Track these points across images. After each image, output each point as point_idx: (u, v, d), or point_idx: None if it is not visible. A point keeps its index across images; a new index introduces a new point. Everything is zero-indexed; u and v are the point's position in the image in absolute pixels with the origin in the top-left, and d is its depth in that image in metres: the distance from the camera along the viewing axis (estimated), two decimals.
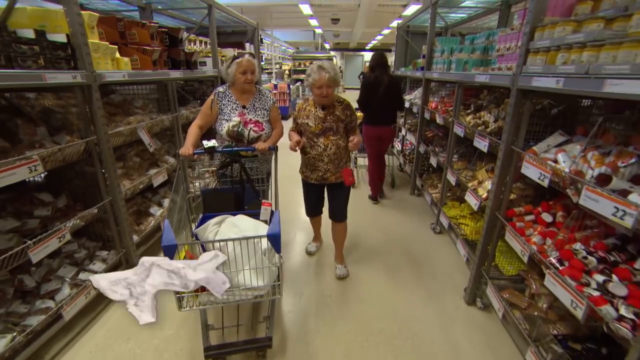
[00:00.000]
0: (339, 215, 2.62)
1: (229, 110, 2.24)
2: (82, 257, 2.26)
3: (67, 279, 2.09)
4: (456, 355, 2.00)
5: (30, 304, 1.91)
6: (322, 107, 2.33)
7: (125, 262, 2.48)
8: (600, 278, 1.35)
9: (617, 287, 1.28)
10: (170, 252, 1.37)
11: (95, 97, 2.00)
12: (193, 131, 2.20)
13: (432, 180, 4.07)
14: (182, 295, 1.49)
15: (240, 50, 1.71)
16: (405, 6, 10.04)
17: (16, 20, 1.79)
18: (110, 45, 2.19)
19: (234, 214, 1.86)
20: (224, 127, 2.21)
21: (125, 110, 2.77)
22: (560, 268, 1.50)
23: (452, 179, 2.99)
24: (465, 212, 3.08)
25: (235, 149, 2.12)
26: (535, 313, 1.92)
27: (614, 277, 1.33)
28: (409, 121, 5.06)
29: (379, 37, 17.22)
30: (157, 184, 2.84)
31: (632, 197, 1.15)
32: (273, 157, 2.23)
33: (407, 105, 4.57)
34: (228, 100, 2.25)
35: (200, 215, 2.06)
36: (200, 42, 4.31)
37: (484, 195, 2.39)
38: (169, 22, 4.41)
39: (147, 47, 2.57)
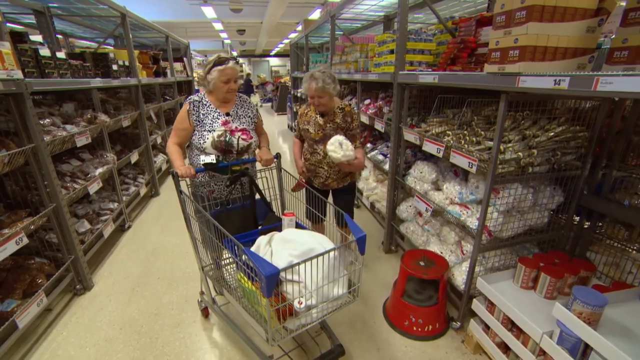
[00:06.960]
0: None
1: (211, 120, 2.01)
2: (133, 175, 4.31)
3: (132, 183, 4.14)
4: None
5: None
6: (321, 114, 2.27)
7: (152, 182, 4.55)
8: None
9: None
10: (274, 281, 1.22)
11: (140, 91, 4.11)
12: (175, 150, 2.00)
13: None
14: (266, 329, 1.38)
15: (221, 55, 1.98)
16: (297, 23, 12.94)
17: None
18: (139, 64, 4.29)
19: (257, 232, 1.86)
20: (207, 139, 1.97)
21: (131, 101, 4.78)
22: None
23: None
24: None
25: (241, 160, 2.02)
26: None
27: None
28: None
29: (281, 45, 19.97)
30: (156, 143, 4.93)
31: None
32: (276, 165, 2.12)
33: (298, 94, 7.30)
34: (207, 110, 2.03)
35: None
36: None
37: None
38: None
39: (150, 65, 4.66)
